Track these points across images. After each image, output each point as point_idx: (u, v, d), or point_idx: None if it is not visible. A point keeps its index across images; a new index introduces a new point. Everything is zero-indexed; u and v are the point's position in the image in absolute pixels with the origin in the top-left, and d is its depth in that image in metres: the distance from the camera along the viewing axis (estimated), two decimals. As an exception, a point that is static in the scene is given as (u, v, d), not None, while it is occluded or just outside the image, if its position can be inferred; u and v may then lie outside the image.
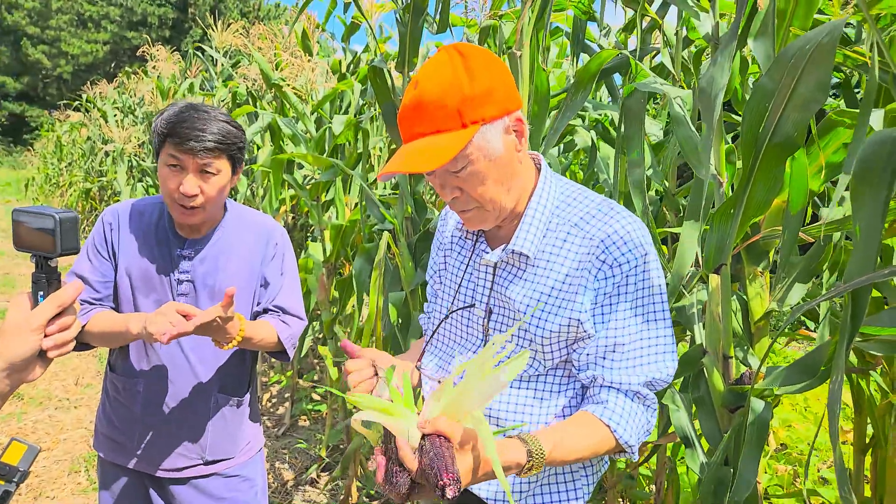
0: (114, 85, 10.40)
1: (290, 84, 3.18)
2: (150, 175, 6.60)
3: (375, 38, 2.75)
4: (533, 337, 1.09)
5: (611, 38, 2.44)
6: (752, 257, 1.64)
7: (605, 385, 1.07)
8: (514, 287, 1.11)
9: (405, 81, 2.41)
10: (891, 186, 0.89)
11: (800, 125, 1.08)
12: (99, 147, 9.54)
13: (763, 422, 1.20)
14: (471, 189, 1.03)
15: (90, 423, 4.02)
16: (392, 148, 3.20)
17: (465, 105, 0.98)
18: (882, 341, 1.48)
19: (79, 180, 11.89)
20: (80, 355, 5.44)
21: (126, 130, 7.48)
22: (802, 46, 0.95)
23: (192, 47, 6.12)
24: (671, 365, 1.09)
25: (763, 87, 1.08)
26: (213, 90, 5.24)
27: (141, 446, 1.57)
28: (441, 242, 1.32)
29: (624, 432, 1.04)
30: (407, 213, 2.31)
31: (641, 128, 1.45)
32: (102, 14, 30.91)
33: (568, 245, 1.09)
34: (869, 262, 0.96)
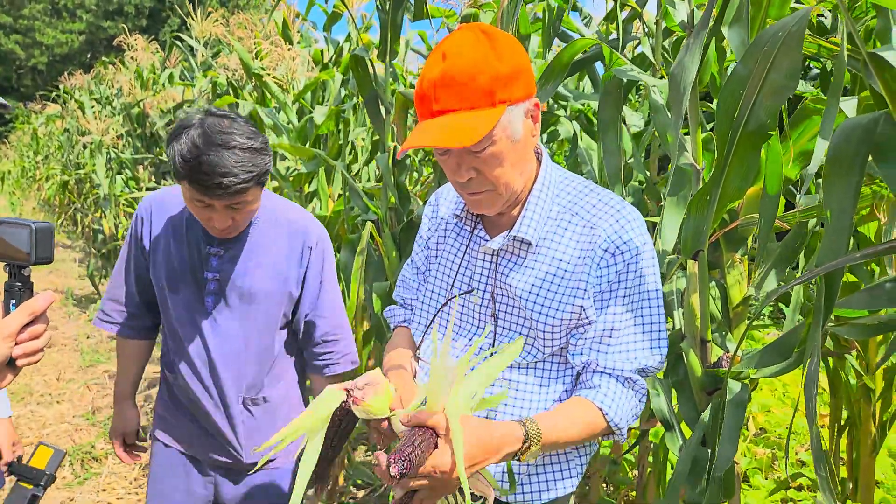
0: (91, 75, 10.20)
1: (271, 73, 3.15)
2: (128, 167, 6.50)
3: (356, 27, 2.73)
4: (534, 324, 1.10)
5: (593, 28, 2.45)
6: (730, 244, 1.67)
7: (597, 370, 1.10)
8: (516, 274, 1.12)
9: (387, 71, 2.41)
10: (861, 172, 0.91)
11: (772, 112, 1.10)
12: (76, 139, 9.37)
13: (740, 402, 1.24)
14: (488, 170, 1.02)
15: (73, 419, 3.99)
16: (375, 139, 3.19)
17: (496, 84, 0.97)
18: (855, 325, 1.52)
19: (56, 173, 11.67)
20: (61, 350, 5.37)
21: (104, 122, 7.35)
22: (775, 33, 0.96)
23: (171, 37, 6.02)
24: (663, 352, 1.12)
25: (737, 74, 1.10)
26: (194, 80, 5.17)
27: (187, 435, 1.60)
28: (431, 228, 1.30)
29: (615, 415, 1.07)
30: (391, 204, 2.31)
31: (618, 115, 1.46)
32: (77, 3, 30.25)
33: (569, 234, 1.10)
34: (841, 245, 0.98)
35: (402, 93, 2.36)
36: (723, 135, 1.17)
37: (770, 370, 1.36)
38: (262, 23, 4.37)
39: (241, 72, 4.18)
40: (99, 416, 4.03)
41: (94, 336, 5.71)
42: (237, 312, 1.51)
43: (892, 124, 0.89)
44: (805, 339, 1.19)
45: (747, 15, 1.10)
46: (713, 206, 1.25)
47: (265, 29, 3.81)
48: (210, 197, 1.31)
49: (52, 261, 0.97)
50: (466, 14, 2.36)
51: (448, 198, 1.29)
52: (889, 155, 0.91)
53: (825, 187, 0.98)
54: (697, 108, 1.29)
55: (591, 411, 1.07)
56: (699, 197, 1.25)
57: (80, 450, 3.51)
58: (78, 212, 10.29)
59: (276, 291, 1.52)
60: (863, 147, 0.90)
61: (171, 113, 5.33)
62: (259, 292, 1.51)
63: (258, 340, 1.53)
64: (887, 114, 0.88)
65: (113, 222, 7.00)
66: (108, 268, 7.15)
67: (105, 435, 3.74)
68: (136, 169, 6.41)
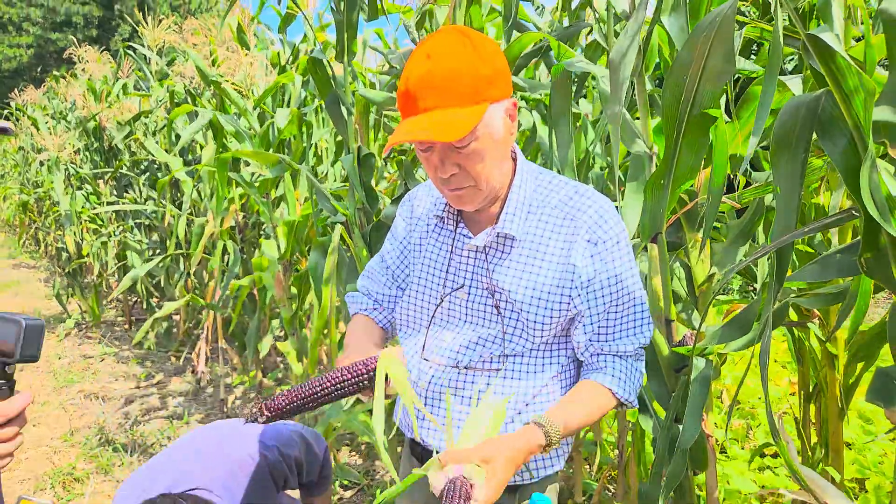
0: (42, 90, 9.90)
1: (229, 80, 3.11)
2: (89, 182, 6.34)
3: (312, 27, 2.71)
4: (526, 316, 1.14)
5: (546, 17, 2.47)
6: (690, 224, 1.71)
7: (602, 354, 1.18)
8: (503, 269, 1.16)
9: (346, 71, 2.39)
10: (807, 149, 0.94)
11: (715, 96, 1.13)
12: (32, 157, 9.10)
13: (705, 378, 1.27)
14: (470, 166, 1.06)
15: (51, 441, 3.90)
16: (338, 140, 3.17)
17: (479, 83, 1.01)
18: (816, 295, 1.57)
19: (14, 193, 11.33)
20: (35, 373, 5.24)
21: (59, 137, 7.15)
22: (712, 20, 0.99)
23: (123, 46, 5.88)
24: (651, 327, 1.20)
25: (680, 61, 1.13)
26: (150, 90, 5.07)
27: None
28: (408, 228, 1.32)
29: (624, 391, 1.16)
30: (359, 205, 2.31)
31: (568, 106, 1.49)
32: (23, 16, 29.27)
33: (550, 226, 1.15)
34: (790, 220, 1.02)
35: (363, 94, 2.35)
36: (670, 120, 1.20)
37: (734, 345, 1.40)
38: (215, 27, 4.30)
39: (197, 79, 4.11)
40: (77, 437, 3.95)
41: (65, 356, 5.59)
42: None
43: (833, 102, 0.92)
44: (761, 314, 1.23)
45: (685, 3, 1.13)
46: (667, 190, 1.28)
47: (220, 34, 3.74)
48: None
49: (38, 360, 0.93)
50: (422, 10, 2.36)
51: (424, 197, 1.32)
52: (832, 132, 0.94)
53: (773, 165, 1.01)
54: (646, 94, 1.31)
55: (602, 393, 1.16)
56: (653, 181, 1.28)
57: (61, 472, 3.44)
58: (39, 230, 10.01)
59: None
60: (807, 125, 0.93)
61: (129, 125, 5.21)
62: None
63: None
64: (828, 92, 0.91)
65: (74, 240, 6.84)
66: (75, 286, 6.98)
67: (85, 455, 3.67)
68: (97, 184, 6.26)
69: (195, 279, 4.69)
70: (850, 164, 0.94)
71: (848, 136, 0.93)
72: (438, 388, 1.20)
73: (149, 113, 4.98)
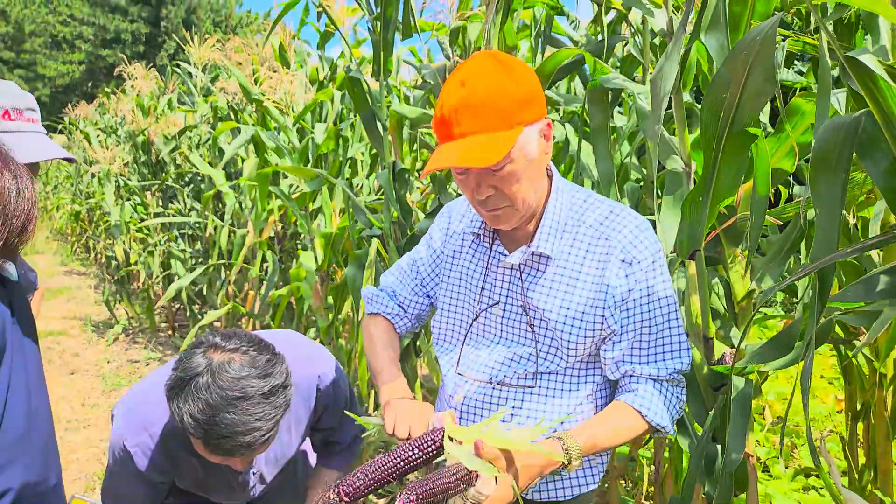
0: (94, 105, 10.34)
1: (270, 98, 3.20)
2: (137, 193, 6.59)
3: (348, 44, 2.78)
4: (560, 335, 1.15)
5: (581, 31, 2.47)
6: (730, 239, 1.68)
7: (634, 376, 1.16)
8: (538, 288, 1.17)
9: (382, 87, 2.44)
10: (847, 169, 0.93)
11: (755, 114, 1.12)
12: (84, 169, 9.50)
13: (745, 397, 1.25)
14: (506, 187, 1.07)
15: (100, 442, 4.05)
16: (373, 153, 3.23)
17: (513, 107, 1.03)
18: (860, 313, 1.53)
19: (66, 203, 11.83)
20: (83, 376, 5.45)
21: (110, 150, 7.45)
22: (753, 38, 0.99)
23: (171, 64, 6.11)
24: (688, 352, 1.17)
25: (720, 78, 1.12)
26: (195, 106, 5.24)
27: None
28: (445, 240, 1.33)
29: (655, 416, 1.13)
30: (393, 218, 2.35)
31: (606, 122, 1.49)
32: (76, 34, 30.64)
33: (585, 245, 1.15)
34: (831, 242, 1.00)
35: (397, 110, 2.40)
36: (710, 136, 1.19)
37: (775, 364, 1.37)
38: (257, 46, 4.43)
39: (240, 95, 4.24)
40: (123, 442, 4.09)
41: (113, 360, 5.80)
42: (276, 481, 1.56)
43: (873, 122, 0.90)
44: (804, 333, 1.21)
45: (725, 19, 1.12)
46: (706, 207, 1.27)
47: (262, 51, 3.86)
48: (229, 457, 1.17)
49: None
50: (455, 27, 2.39)
51: (461, 213, 1.34)
52: (873, 152, 0.93)
53: (812, 185, 0.99)
54: (683, 111, 1.31)
55: (630, 415, 1.14)
56: (692, 198, 1.27)
57: (106, 475, 3.57)
58: (90, 239, 10.43)
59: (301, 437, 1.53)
60: (847, 145, 0.92)
61: (175, 139, 5.40)
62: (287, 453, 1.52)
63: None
64: (869, 112, 0.89)
65: (123, 248, 7.10)
66: (123, 293, 7.23)
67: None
68: (145, 195, 6.50)
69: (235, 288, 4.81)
70: (892, 184, 0.93)
71: (890, 158, 0.91)
72: (473, 403, 1.21)
73: (193, 127, 5.16)
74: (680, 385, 1.19)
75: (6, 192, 0.89)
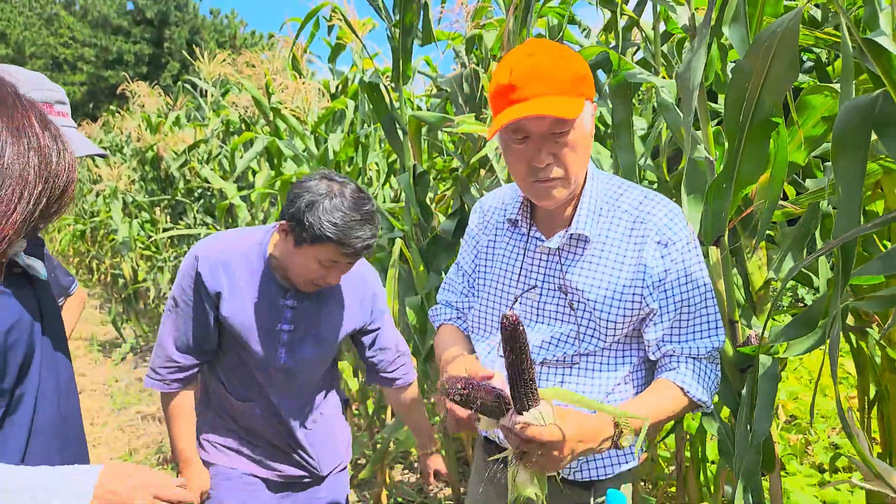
0: (99, 124, 10.46)
1: (287, 107, 3.29)
2: (146, 209, 6.66)
3: (367, 54, 2.86)
4: (599, 315, 1.19)
5: (592, 39, 2.56)
6: (747, 230, 1.75)
7: (674, 356, 1.21)
8: (578, 271, 1.21)
9: (401, 96, 2.52)
10: (866, 147, 0.99)
11: (776, 103, 1.19)
12: (88, 188, 9.57)
13: (773, 376, 1.30)
14: (565, 156, 1.12)
15: (109, 461, 4.05)
16: (390, 161, 3.30)
17: (577, 78, 1.10)
18: (875, 298, 1.58)
19: (69, 223, 11.89)
20: (91, 395, 5.46)
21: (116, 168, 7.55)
22: (774, 30, 1.06)
23: (183, 80, 6.22)
24: (723, 330, 1.23)
25: (741, 69, 1.19)
26: (206, 120, 5.33)
27: (258, 458, 1.67)
28: (479, 233, 1.39)
29: (696, 391, 1.19)
30: (414, 220, 2.41)
31: (629, 116, 1.56)
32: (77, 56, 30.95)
33: (621, 229, 1.20)
34: (853, 218, 1.06)
35: (415, 115, 2.47)
36: (732, 127, 1.26)
37: (798, 348, 1.42)
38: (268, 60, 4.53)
39: (252, 108, 4.33)
40: (137, 457, 4.10)
41: (122, 379, 5.81)
42: (308, 355, 1.61)
43: (890, 102, 0.97)
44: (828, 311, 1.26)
45: (745, 14, 1.20)
46: (729, 194, 1.33)
47: (273, 65, 3.95)
48: (352, 258, 1.43)
49: None
50: (471, 35, 2.48)
51: (494, 206, 1.39)
52: (890, 129, 0.99)
53: (834, 165, 1.06)
54: (706, 105, 1.38)
55: (673, 389, 1.19)
56: (715, 186, 1.34)
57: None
58: (94, 259, 10.47)
59: (343, 334, 1.66)
60: (865, 125, 0.98)
61: (185, 154, 5.49)
62: (330, 337, 1.63)
63: (323, 373, 1.70)
64: (885, 92, 0.96)
65: (131, 266, 7.15)
66: (131, 311, 7.26)
67: (146, 471, 3.81)
68: (154, 211, 6.56)
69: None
70: (912, 160, 0.99)
71: (908, 134, 0.97)
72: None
73: (204, 142, 5.24)
74: (715, 362, 1.24)
75: (47, 150, 0.82)
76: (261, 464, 1.67)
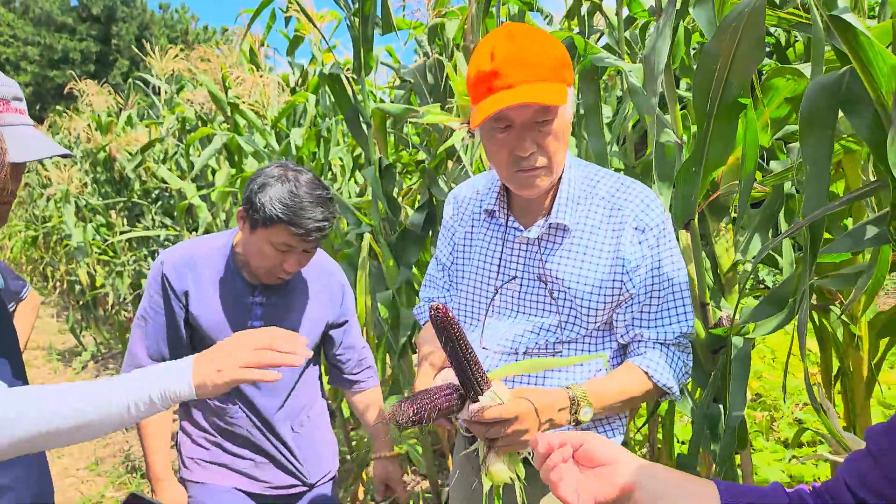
0: (45, 125, 10.02)
1: (246, 101, 3.19)
2: (100, 213, 6.42)
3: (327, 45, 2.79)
4: (580, 307, 1.19)
5: (555, 26, 2.55)
6: (714, 214, 1.77)
7: (642, 340, 1.20)
8: (557, 259, 1.20)
9: (363, 87, 2.47)
10: (833, 124, 1.00)
11: (744, 83, 1.19)
12: (38, 193, 9.19)
13: (745, 356, 1.32)
14: (549, 144, 1.10)
15: (77, 471, 3.92)
16: (355, 155, 3.24)
17: (559, 64, 1.07)
18: (838, 276, 1.62)
19: (20, 230, 11.39)
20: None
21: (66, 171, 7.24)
22: (741, 10, 1.06)
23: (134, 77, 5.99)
24: (692, 316, 1.22)
25: (709, 51, 1.19)
26: (160, 118, 5.16)
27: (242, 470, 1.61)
28: (455, 226, 1.37)
29: (661, 377, 1.18)
30: (382, 215, 2.36)
31: (598, 100, 1.55)
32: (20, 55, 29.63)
33: (598, 217, 1.19)
34: (821, 196, 1.07)
35: (379, 107, 2.42)
36: (701, 109, 1.26)
37: (766, 327, 1.44)
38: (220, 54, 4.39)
39: (208, 105, 4.19)
40: (104, 466, 3.97)
41: (83, 388, 5.61)
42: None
43: (856, 79, 0.98)
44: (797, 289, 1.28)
45: (711, -5, 1.19)
46: (699, 177, 1.33)
47: (229, 59, 3.84)
48: (303, 241, 1.40)
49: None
50: (433, 24, 2.44)
51: (468, 195, 1.37)
52: (856, 107, 1.00)
53: (802, 144, 1.07)
54: (674, 88, 1.38)
55: (638, 375, 1.18)
56: (685, 169, 1.34)
57: (90, 501, 3.46)
58: (48, 266, 10.07)
59: (317, 331, 1.63)
60: (832, 102, 0.99)
61: (140, 154, 5.30)
62: (302, 331, 1.59)
63: (303, 374, 1.65)
64: (851, 69, 0.97)
65: (87, 271, 6.89)
66: (90, 318, 7.01)
67: (113, 483, 3.69)
68: (109, 214, 6.33)
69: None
70: (876, 136, 1.00)
71: (873, 110, 0.98)
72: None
73: (160, 140, 5.07)
74: (685, 350, 1.24)
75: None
76: (246, 476, 1.61)
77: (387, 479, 1.79)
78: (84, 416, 0.91)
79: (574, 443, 0.76)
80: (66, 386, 0.95)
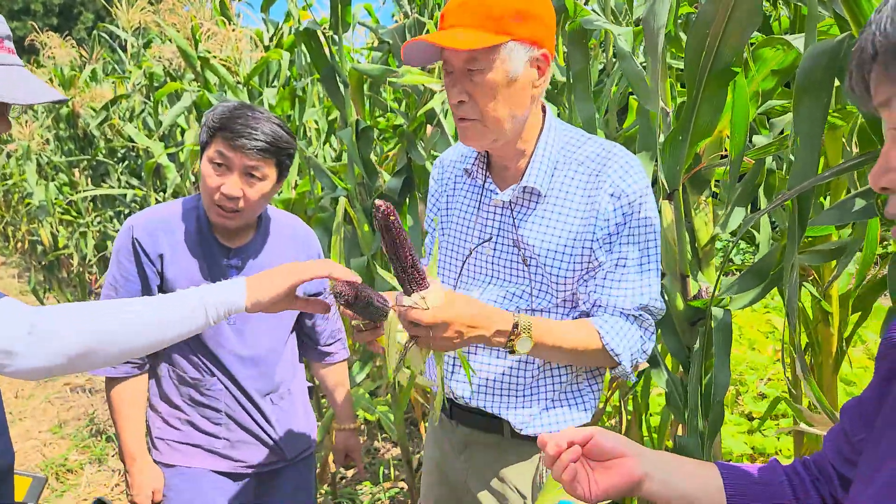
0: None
1: (217, 56, 3.05)
2: (63, 171, 6.18)
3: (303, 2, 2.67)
4: (549, 275, 1.15)
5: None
6: (695, 187, 1.75)
7: (602, 307, 1.16)
8: (529, 225, 1.17)
9: (341, 46, 2.37)
10: (829, 93, 0.97)
11: (737, 50, 1.15)
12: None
13: (726, 326, 1.31)
14: (480, 98, 1.07)
15: (39, 434, 3.84)
16: (331, 118, 3.14)
17: (506, 14, 1.03)
18: (814, 252, 1.62)
19: (-22, 187, 10.95)
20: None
21: (28, 126, 6.93)
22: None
23: (99, 28, 5.70)
24: (657, 290, 1.18)
25: (703, 15, 1.15)
26: (126, 73, 4.94)
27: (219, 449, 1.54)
28: (439, 189, 1.34)
29: (611, 340, 1.13)
30: (358, 179, 2.30)
31: (587, 65, 1.51)
32: (-23, 4, 28.16)
33: (576, 182, 1.15)
34: (812, 166, 1.05)
35: (357, 68, 2.33)
36: (692, 75, 1.22)
37: (742, 300, 1.44)
38: (191, 7, 4.19)
39: (178, 61, 4.01)
40: (67, 429, 3.88)
41: (45, 351, 5.47)
42: (261, 319, 1.50)
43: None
44: (780, 261, 1.27)
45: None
46: (685, 146, 1.30)
47: (201, 12, 3.66)
48: (234, 149, 1.34)
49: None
50: (416, -18, 2.34)
51: (453, 158, 1.34)
52: (852, 76, 0.97)
53: (795, 112, 1.04)
54: (665, 55, 1.34)
55: (589, 330, 1.13)
56: (672, 137, 1.31)
57: (53, 463, 3.39)
58: (9, 225, 9.73)
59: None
60: (830, 69, 0.96)
61: (105, 110, 5.08)
62: None
63: (281, 342, 1.59)
64: (851, 35, 0.94)
65: (50, 231, 6.67)
66: (52, 280, 6.81)
67: (77, 446, 3.62)
68: (72, 172, 6.10)
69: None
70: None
71: (871, 80, 0.95)
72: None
73: (126, 97, 4.86)
74: (645, 327, 1.17)
75: None
76: (221, 456, 1.54)
77: (347, 449, 1.78)
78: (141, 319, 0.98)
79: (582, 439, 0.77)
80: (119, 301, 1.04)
